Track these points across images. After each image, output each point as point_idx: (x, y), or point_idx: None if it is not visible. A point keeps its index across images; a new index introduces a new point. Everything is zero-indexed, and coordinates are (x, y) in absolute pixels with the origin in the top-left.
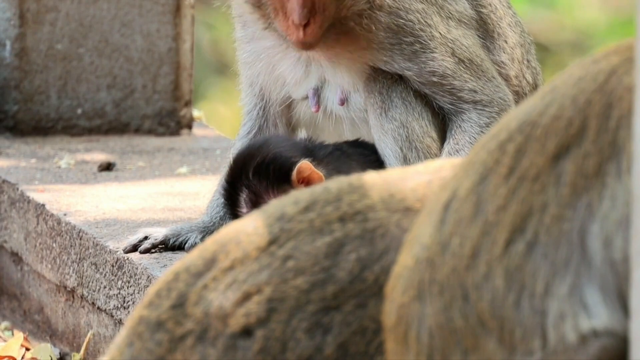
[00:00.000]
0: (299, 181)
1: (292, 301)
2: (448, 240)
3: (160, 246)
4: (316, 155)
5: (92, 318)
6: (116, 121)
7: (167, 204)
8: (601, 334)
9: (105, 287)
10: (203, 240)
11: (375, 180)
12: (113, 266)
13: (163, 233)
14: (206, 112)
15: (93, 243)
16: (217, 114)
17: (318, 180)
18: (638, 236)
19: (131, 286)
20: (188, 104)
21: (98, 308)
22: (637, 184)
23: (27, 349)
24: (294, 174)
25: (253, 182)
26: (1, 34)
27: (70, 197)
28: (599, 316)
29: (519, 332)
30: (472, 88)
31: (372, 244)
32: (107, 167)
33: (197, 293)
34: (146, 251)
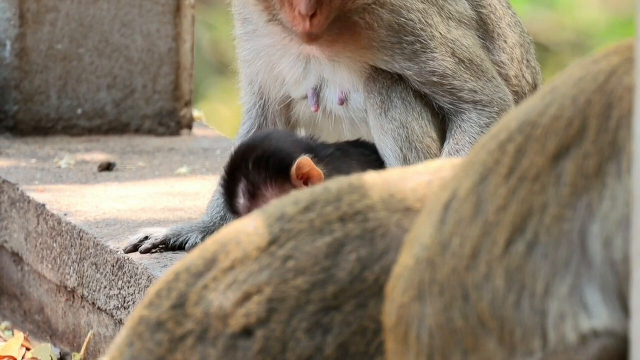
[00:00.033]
0: (298, 177)
1: (292, 301)
2: (448, 240)
3: (160, 246)
4: (317, 153)
5: (93, 318)
6: (116, 121)
7: (167, 204)
8: (601, 334)
9: (105, 287)
10: (203, 240)
11: (375, 180)
12: (113, 266)
13: (163, 233)
14: (206, 112)
15: (93, 243)
16: (217, 114)
17: (317, 176)
18: (638, 236)
19: (131, 286)
20: (188, 104)
21: (98, 308)
22: (637, 184)
23: (28, 349)
24: (294, 169)
25: (252, 173)
26: (1, 34)
27: (70, 197)
28: (599, 316)
29: (519, 332)
30: (472, 88)
31: (372, 244)
32: (107, 167)
33: (197, 293)
34: (146, 251)
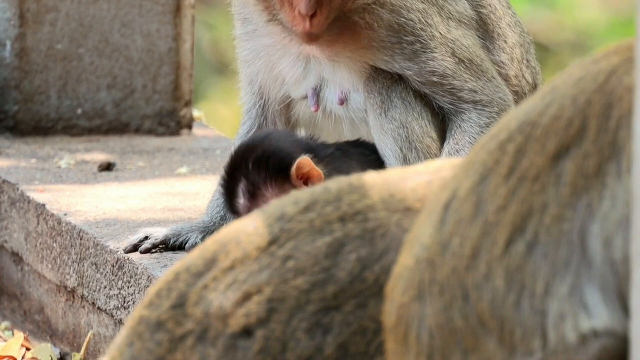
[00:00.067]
0: (298, 177)
1: (292, 301)
2: (448, 240)
3: (160, 246)
4: (317, 153)
5: (93, 318)
6: (116, 121)
7: (167, 204)
8: (601, 334)
9: (105, 287)
10: (203, 240)
11: (375, 180)
12: (113, 266)
13: (163, 233)
14: (206, 112)
15: (93, 243)
16: (217, 114)
17: (317, 177)
18: (638, 236)
19: (131, 286)
20: (188, 104)
21: (98, 308)
22: (637, 184)
23: (28, 349)
24: (294, 169)
25: (252, 173)
26: (1, 34)
27: (70, 197)
28: (599, 316)
29: (519, 332)
30: (472, 88)
31: (372, 244)
32: (107, 167)
33: (197, 293)
34: (146, 251)
